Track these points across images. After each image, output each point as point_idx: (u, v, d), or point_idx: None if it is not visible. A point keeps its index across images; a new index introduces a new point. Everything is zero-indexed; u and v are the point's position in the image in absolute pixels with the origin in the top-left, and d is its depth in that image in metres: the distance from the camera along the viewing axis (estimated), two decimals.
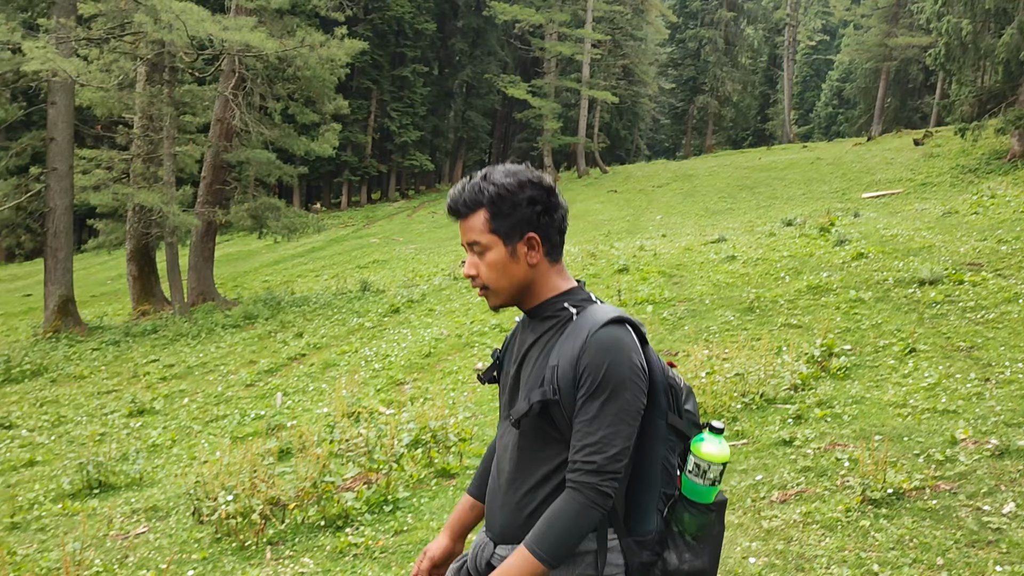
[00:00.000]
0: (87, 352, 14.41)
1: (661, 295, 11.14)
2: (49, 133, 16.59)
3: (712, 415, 6.13)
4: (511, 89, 41.45)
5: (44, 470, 7.87)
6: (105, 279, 27.46)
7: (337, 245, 29.78)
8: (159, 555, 5.14)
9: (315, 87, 18.95)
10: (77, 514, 6.28)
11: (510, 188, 1.86)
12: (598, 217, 29.47)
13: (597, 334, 1.78)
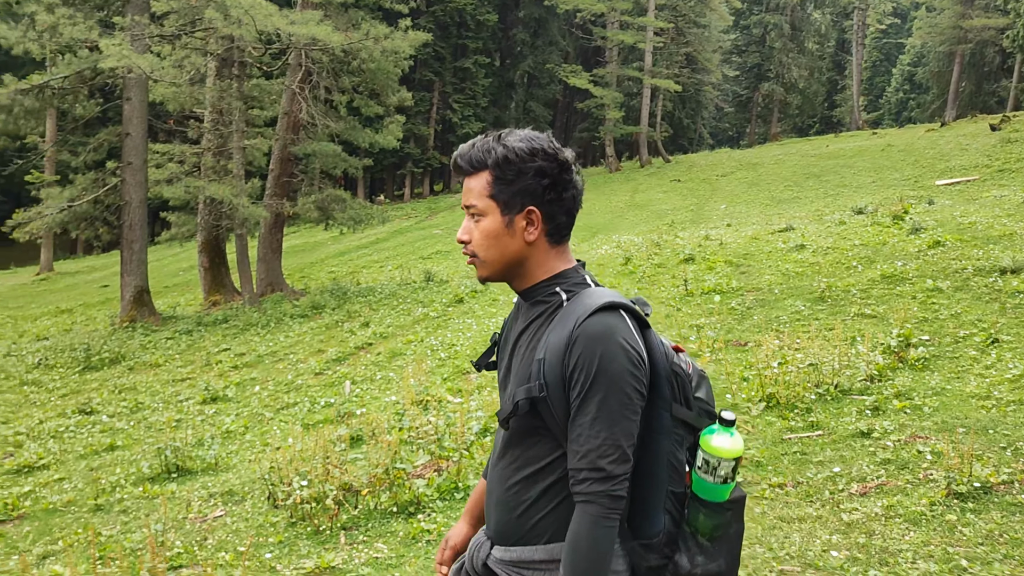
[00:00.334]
0: (162, 341, 14.82)
1: (728, 284, 10.98)
2: (124, 128, 17.07)
3: (785, 405, 6.01)
4: (572, 79, 41.20)
5: (124, 454, 8.12)
6: (177, 270, 28.21)
7: (400, 236, 30.07)
8: (236, 538, 5.25)
9: (379, 79, 19.11)
10: (157, 497, 6.46)
11: (520, 153, 1.72)
12: (661, 207, 29.17)
13: (585, 323, 1.64)
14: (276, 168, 18.88)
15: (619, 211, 29.76)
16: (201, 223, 18.58)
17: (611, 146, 43.37)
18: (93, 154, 19.06)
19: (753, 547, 3.97)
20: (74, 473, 7.53)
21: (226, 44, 17.00)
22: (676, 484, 1.75)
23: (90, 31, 14.89)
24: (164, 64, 15.84)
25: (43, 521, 6.17)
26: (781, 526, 4.18)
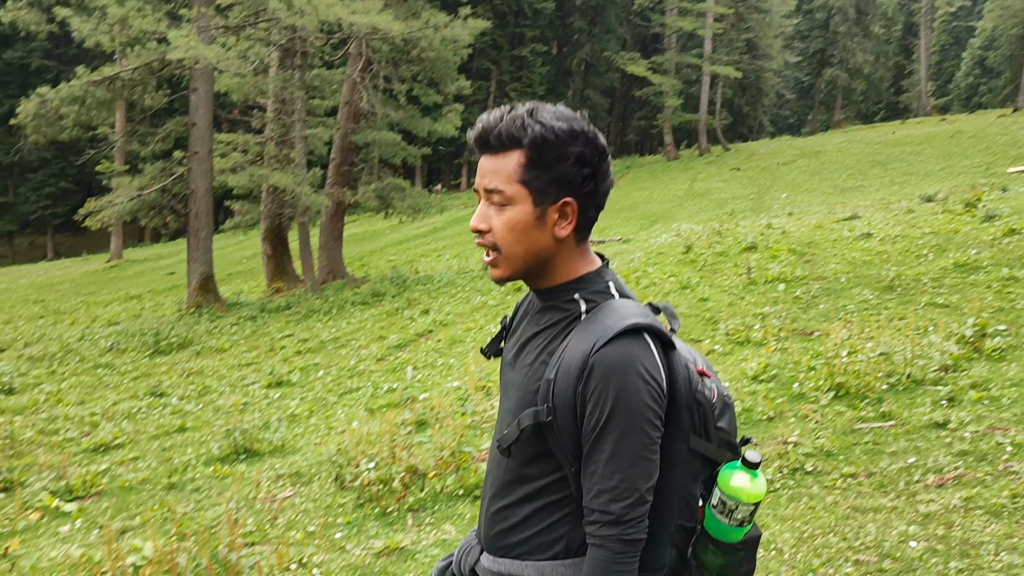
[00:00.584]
0: (227, 327, 15.15)
1: (793, 273, 10.79)
2: (191, 118, 17.45)
3: (855, 396, 5.89)
4: (630, 66, 40.86)
5: (194, 436, 8.32)
6: (241, 258, 28.79)
7: (457, 225, 30.21)
8: (306, 518, 5.35)
9: (439, 68, 19.19)
10: (227, 477, 6.62)
11: (560, 135, 1.50)
12: (720, 195, 28.80)
13: (604, 350, 1.46)
14: (337, 157, 19.12)
15: (678, 200, 29.45)
16: (264, 211, 18.92)
17: (669, 134, 42.91)
18: (161, 144, 19.55)
19: (827, 536, 3.91)
20: (147, 453, 7.75)
21: (289, 34, 17.24)
22: (687, 519, 1.61)
23: (158, 23, 15.25)
24: (229, 55, 16.13)
25: (120, 498, 6.37)
26: (855, 516, 4.11)
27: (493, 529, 1.67)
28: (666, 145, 42.96)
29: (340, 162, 19.05)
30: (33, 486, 6.58)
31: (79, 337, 15.44)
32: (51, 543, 5.34)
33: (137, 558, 4.10)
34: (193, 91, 17.30)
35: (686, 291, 11.16)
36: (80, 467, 7.26)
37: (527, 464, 1.59)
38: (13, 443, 7.91)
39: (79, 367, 12.75)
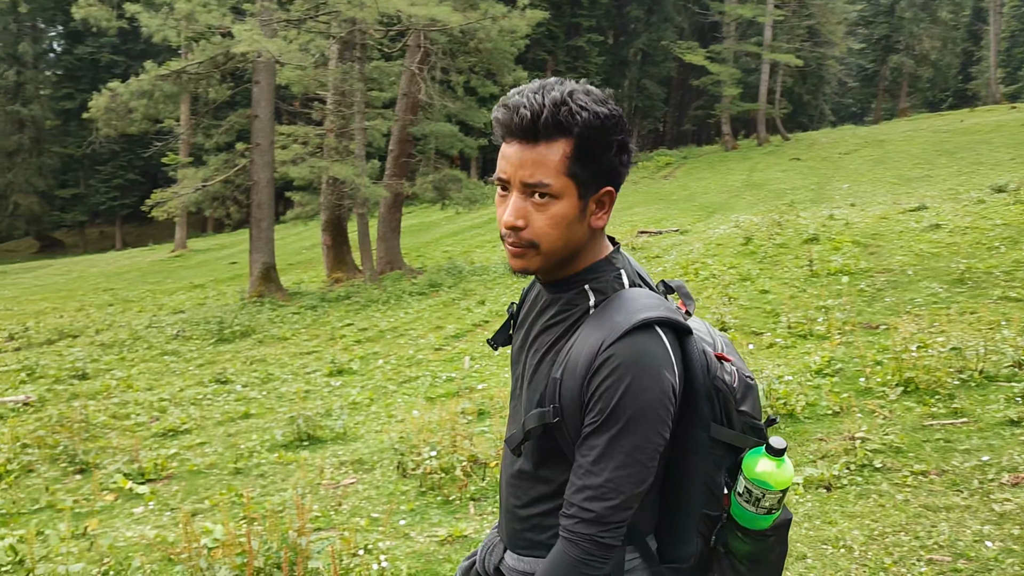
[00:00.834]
0: (288, 316, 15.43)
1: (856, 265, 10.59)
2: (253, 111, 17.77)
3: (925, 391, 5.76)
4: (688, 55, 40.39)
5: (258, 422, 8.50)
6: (301, 248, 29.26)
7: None
8: (369, 504, 5.44)
9: (496, 59, 19.22)
10: (291, 463, 6.76)
11: (606, 122, 1.40)
12: (780, 186, 28.30)
13: (615, 346, 1.37)
14: (395, 148, 19.29)
15: (735, 190, 29.03)
16: (324, 202, 19.19)
17: (727, 124, 42.28)
18: (224, 136, 19.95)
19: (898, 535, 3.84)
20: (214, 438, 7.94)
21: (348, 27, 17.42)
22: (712, 508, 1.55)
23: (223, 18, 15.55)
24: (290, 48, 16.38)
25: (189, 481, 6.55)
26: (927, 515, 4.02)
27: (515, 527, 1.62)
28: (724, 135, 42.35)
29: (398, 153, 19.22)
30: (107, 468, 6.81)
31: (147, 325, 15.87)
32: (126, 523, 5.52)
33: (209, 540, 4.23)
34: (255, 84, 17.61)
35: (746, 283, 11.03)
36: (151, 451, 7.48)
37: (540, 464, 1.54)
38: (88, 427, 8.18)
39: (147, 354, 13.11)
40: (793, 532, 4.05)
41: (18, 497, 6.24)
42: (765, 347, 8.15)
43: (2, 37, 46.08)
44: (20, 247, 48.60)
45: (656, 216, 25.07)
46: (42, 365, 12.03)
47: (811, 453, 5.06)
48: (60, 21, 49.79)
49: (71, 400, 9.86)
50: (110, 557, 4.61)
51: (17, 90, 46.81)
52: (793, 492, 4.53)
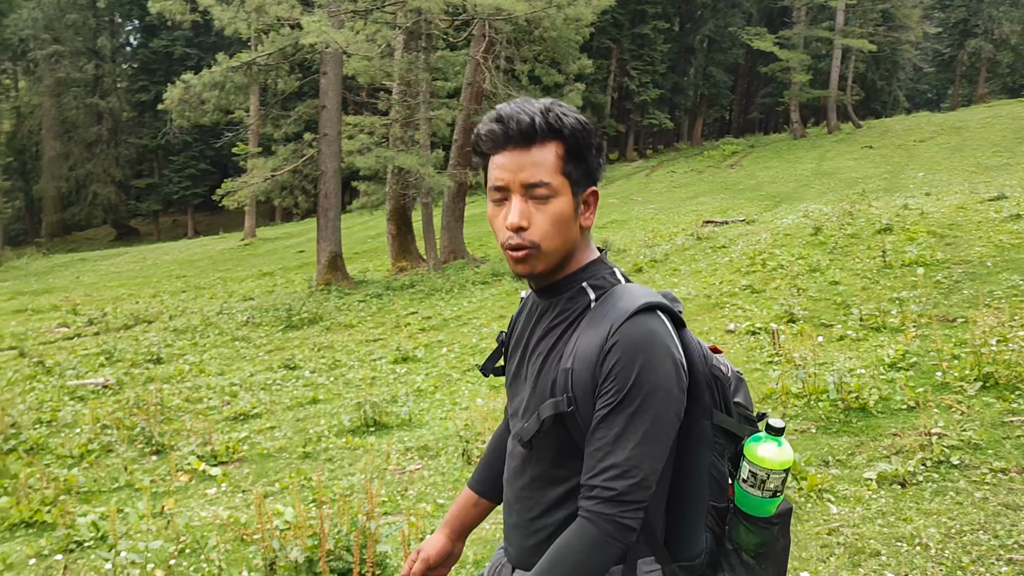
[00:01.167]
0: (354, 303, 15.66)
1: (932, 256, 10.28)
2: (321, 101, 18.04)
3: (1005, 387, 5.57)
4: (756, 42, 39.58)
5: (326, 407, 8.66)
6: (366, 237, 29.65)
7: None
8: (435, 490, 5.50)
9: (560, 48, 19.14)
10: (358, 448, 6.87)
11: (586, 127, 1.50)
12: (851, 175, 27.65)
13: (624, 328, 1.42)
14: (459, 138, 19.37)
15: (804, 179, 28.44)
16: (389, 192, 19.40)
17: (796, 111, 41.40)
18: (292, 127, 20.31)
19: (976, 534, 3.73)
20: (283, 422, 8.12)
21: (414, 17, 17.54)
22: (718, 498, 1.56)
23: (292, 9, 15.80)
24: (357, 38, 16.57)
25: (260, 464, 6.71)
26: (1007, 513, 3.89)
27: (527, 544, 1.60)
28: (792, 123, 41.48)
29: (463, 143, 19.30)
30: (182, 450, 7.01)
31: (218, 311, 16.29)
32: (200, 504, 5.69)
33: (280, 522, 4.32)
34: (323, 75, 17.87)
35: (815, 274, 10.80)
36: (223, 434, 7.68)
37: (556, 465, 1.54)
38: (163, 409, 8.44)
39: (218, 339, 13.46)
40: (866, 528, 3.97)
41: (99, 476, 6.47)
42: (835, 339, 7.98)
43: (81, 32, 47.61)
44: (99, 235, 50.32)
45: (722, 206, 24.71)
46: (120, 349, 12.45)
47: (884, 448, 4.95)
48: (136, 15, 51.27)
49: (147, 383, 10.18)
50: (186, 536, 4.75)
51: (96, 83, 48.38)
52: (866, 488, 4.44)
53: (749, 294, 10.63)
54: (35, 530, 5.28)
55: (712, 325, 9.60)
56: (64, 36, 46.53)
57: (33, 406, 9.07)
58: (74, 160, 47.11)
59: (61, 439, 7.64)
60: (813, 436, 5.34)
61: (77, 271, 29.93)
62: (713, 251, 14.33)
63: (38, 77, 49.40)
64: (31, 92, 51.35)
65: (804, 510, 4.28)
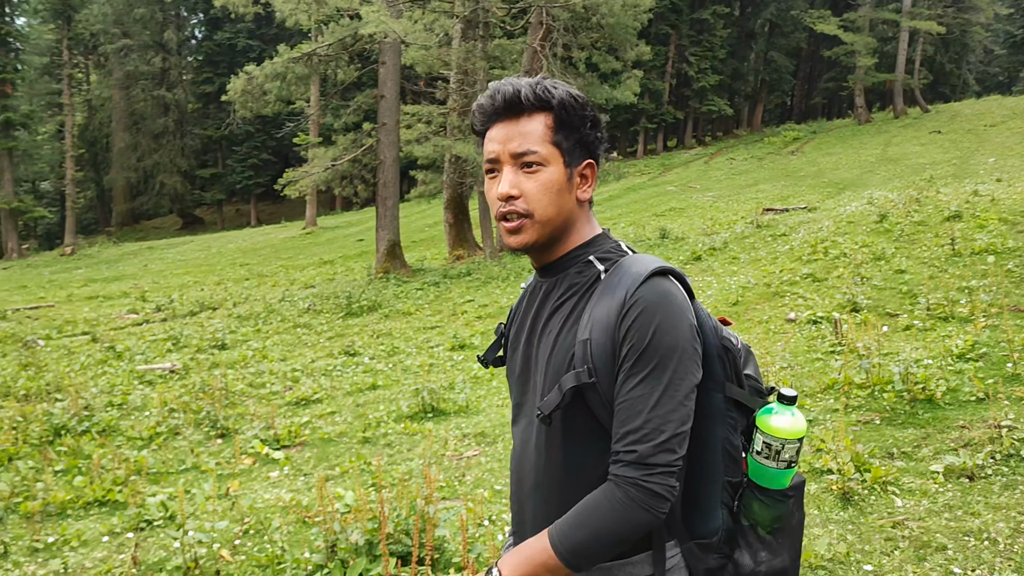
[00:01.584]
0: (412, 291, 15.81)
1: (1004, 244, 9.96)
2: (379, 91, 18.20)
3: None
4: (819, 25, 38.65)
5: (385, 393, 8.78)
6: (423, 226, 29.88)
7: (633, 193, 29.91)
8: (492, 476, 5.54)
9: (618, 34, 18.96)
10: (416, 434, 6.95)
11: (577, 99, 1.52)
12: (918, 160, 26.89)
13: (639, 291, 1.41)
14: None
15: (869, 166, 27.76)
16: (447, 181, 19.50)
17: (861, 96, 40.36)
18: (352, 116, 20.56)
19: None
20: (343, 408, 8.25)
21: (471, 5, 17.55)
22: (733, 473, 1.55)
23: (352, 0, 15.93)
24: (415, 28, 16.65)
25: (321, 448, 6.84)
26: None
27: None
28: (857, 108, 40.46)
29: None
30: (246, 434, 7.18)
31: (280, 298, 16.60)
32: (263, 486, 5.83)
33: (341, 505, 4.41)
34: (382, 64, 18.02)
35: (880, 262, 10.56)
36: (285, 419, 7.85)
37: (576, 442, 1.51)
38: (228, 394, 8.65)
39: (281, 326, 13.73)
40: (932, 522, 3.88)
41: (167, 458, 6.68)
42: (901, 329, 7.80)
43: (149, 26, 48.79)
44: (165, 224, 51.67)
45: (782, 193, 24.28)
46: (186, 335, 12.79)
47: (952, 441, 4.82)
48: (201, 9, 52.34)
49: (212, 369, 10.45)
50: (250, 517, 4.87)
51: (163, 76, 49.56)
52: (932, 481, 4.34)
53: (810, 283, 10.45)
54: (107, 508, 5.47)
55: (772, 314, 9.47)
56: (133, 30, 47.77)
57: (105, 389, 9.38)
58: (142, 151, 48.41)
59: (131, 422, 7.89)
60: (877, 427, 5.23)
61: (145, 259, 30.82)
62: (773, 239, 14.09)
63: (108, 71, 50.88)
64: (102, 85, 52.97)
65: (867, 502, 4.20)
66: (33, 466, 6.43)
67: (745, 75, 49.15)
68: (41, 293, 22.26)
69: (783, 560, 1.56)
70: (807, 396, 6.09)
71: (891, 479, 4.38)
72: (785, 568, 1.56)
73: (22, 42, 41.18)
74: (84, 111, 52.25)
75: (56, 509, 5.39)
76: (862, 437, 5.06)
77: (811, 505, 4.26)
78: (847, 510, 4.14)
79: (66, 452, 6.83)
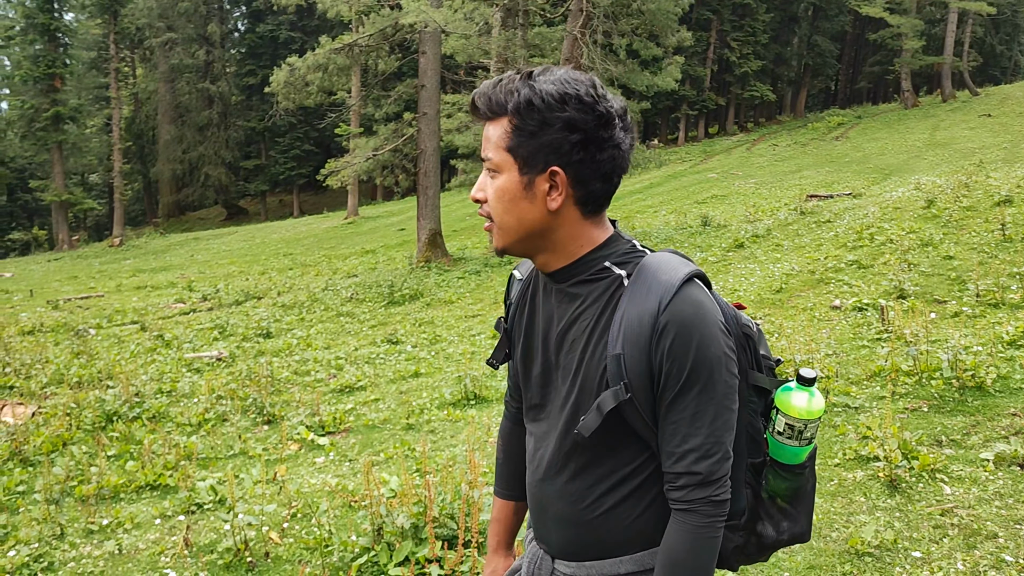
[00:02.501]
0: (453, 280, 15.89)
1: None
2: (420, 81, 18.26)
3: None
4: (865, 7, 37.95)
5: (427, 381, 8.85)
6: (464, 215, 29.98)
7: (674, 180, 29.69)
8: None
9: (659, 20, 18.81)
10: (459, 421, 7.01)
11: (547, 99, 1.39)
12: (967, 145, 26.32)
13: (672, 305, 1.38)
14: None
15: (916, 150, 27.22)
16: None
17: (907, 79, 39.56)
18: (392, 106, 20.69)
19: None
20: (387, 395, 8.34)
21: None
22: (756, 455, 1.59)
23: None
24: (455, 17, 16.67)
25: (365, 435, 6.93)
26: None
27: (572, 536, 1.57)
28: (903, 91, 39.67)
29: None
30: (291, 420, 7.30)
31: (323, 288, 16.80)
32: (309, 471, 5.92)
33: (386, 490, 4.47)
34: (422, 54, 18.08)
35: (927, 248, 10.37)
36: (329, 405, 7.95)
37: (609, 449, 1.50)
38: (273, 382, 8.80)
39: (324, 315, 13.90)
40: (982, 510, 3.83)
41: (215, 443, 6.81)
42: (949, 316, 7.66)
43: (193, 19, 49.51)
44: (210, 215, 52.51)
45: (827, 179, 23.92)
46: (232, 324, 13.01)
47: (1003, 429, 4.74)
48: (244, 2, 52.98)
49: (257, 357, 10.62)
50: (298, 501, 4.97)
51: (207, 69, 50.29)
52: (983, 468, 4.27)
53: (856, 269, 10.30)
54: (159, 492, 5.61)
55: (816, 301, 9.36)
56: (177, 24, 48.53)
57: (154, 377, 9.59)
58: (187, 143, 49.22)
59: (180, 408, 8.06)
60: (925, 415, 5.16)
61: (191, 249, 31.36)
62: (818, 226, 13.90)
63: (154, 64, 51.77)
64: (147, 79, 53.92)
65: (915, 490, 4.15)
66: (87, 451, 6.61)
67: (788, 60, 48.43)
68: (91, 283, 22.79)
69: (801, 525, 1.63)
70: (853, 384, 6.02)
71: (939, 467, 4.32)
72: (803, 532, 1.63)
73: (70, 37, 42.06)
74: (131, 104, 53.21)
75: (110, 492, 5.54)
76: (909, 424, 4.99)
77: (857, 492, 4.22)
78: (894, 497, 4.10)
79: (118, 437, 7.01)
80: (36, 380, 9.32)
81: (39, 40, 38.58)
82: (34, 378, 9.43)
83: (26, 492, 5.69)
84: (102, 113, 49.98)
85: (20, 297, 19.80)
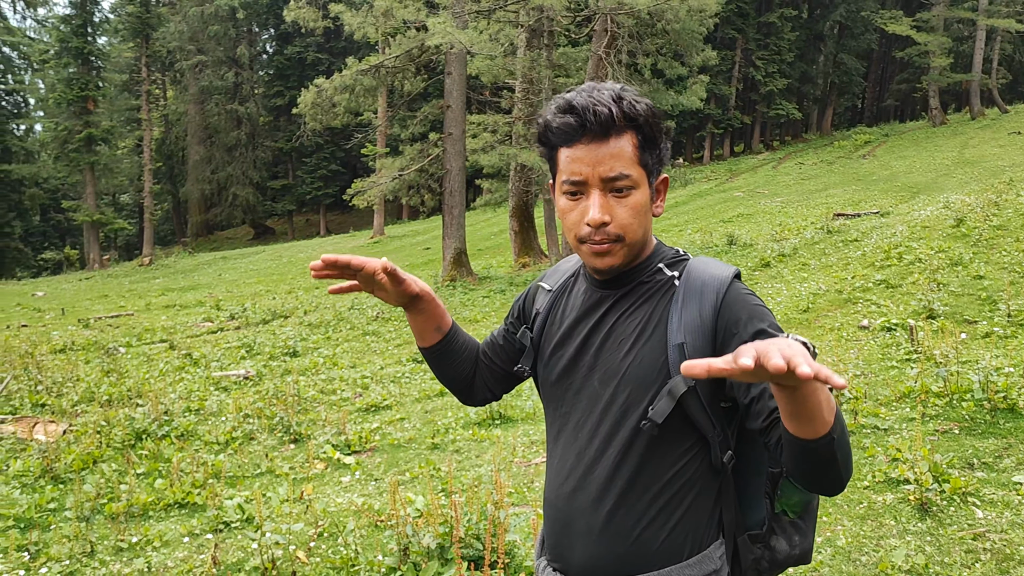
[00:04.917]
0: (478, 298, 15.93)
1: None
2: (445, 101, 18.42)
3: None
4: (891, 26, 37.77)
5: (453, 400, 8.86)
6: (489, 234, 30.08)
7: (700, 199, 29.61)
8: None
9: (684, 40, 18.86)
10: (484, 440, 7.01)
11: (655, 112, 1.47)
12: (996, 163, 26.04)
13: (729, 295, 1.46)
14: None
15: (944, 169, 26.97)
16: (512, 189, 19.62)
17: (935, 97, 39.25)
18: (418, 127, 20.84)
19: None
20: (412, 414, 8.36)
21: (536, 15, 17.67)
22: (774, 464, 1.59)
23: (418, 12, 16.22)
24: (481, 38, 16.82)
25: (390, 454, 6.94)
26: None
27: (611, 554, 1.52)
28: (931, 109, 39.36)
29: None
30: (318, 439, 7.34)
31: (349, 307, 16.89)
32: (336, 490, 5.95)
33: (412, 509, 4.48)
34: (448, 75, 18.24)
35: (957, 268, 10.26)
36: (355, 424, 7.99)
37: (670, 442, 1.49)
38: (300, 400, 8.85)
39: (350, 334, 13.97)
40: (1015, 535, 3.77)
41: (243, 462, 6.86)
42: (980, 336, 7.57)
43: (223, 42, 50.32)
44: (238, 234, 53.06)
45: (854, 198, 23.75)
46: (259, 343, 13.12)
47: None
48: (272, 24, 53.75)
49: (284, 375, 10.69)
50: (324, 520, 4.99)
51: (235, 90, 51.05)
52: (1015, 492, 4.21)
53: (884, 289, 10.21)
54: (187, 510, 5.65)
55: (844, 321, 9.28)
56: (207, 47, 49.35)
57: (183, 395, 9.69)
58: (216, 164, 49.89)
59: (208, 427, 8.13)
60: (956, 437, 5.10)
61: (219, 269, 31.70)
62: (845, 245, 13.80)
63: (184, 86, 52.60)
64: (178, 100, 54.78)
65: (946, 514, 4.10)
66: (117, 469, 6.68)
67: (814, 78, 48.26)
68: (121, 302, 23.09)
69: (808, 541, 1.64)
70: (882, 405, 5.96)
71: (971, 490, 4.26)
72: (809, 549, 1.65)
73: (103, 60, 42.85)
74: (161, 126, 54.06)
75: (139, 510, 5.60)
76: (940, 447, 4.93)
77: (887, 515, 4.17)
78: (925, 521, 4.05)
79: (147, 455, 7.08)
80: (67, 398, 9.45)
81: (73, 63, 39.35)
82: (65, 396, 9.57)
83: (57, 509, 5.76)
84: (133, 134, 50.80)
85: (52, 316, 20.11)
